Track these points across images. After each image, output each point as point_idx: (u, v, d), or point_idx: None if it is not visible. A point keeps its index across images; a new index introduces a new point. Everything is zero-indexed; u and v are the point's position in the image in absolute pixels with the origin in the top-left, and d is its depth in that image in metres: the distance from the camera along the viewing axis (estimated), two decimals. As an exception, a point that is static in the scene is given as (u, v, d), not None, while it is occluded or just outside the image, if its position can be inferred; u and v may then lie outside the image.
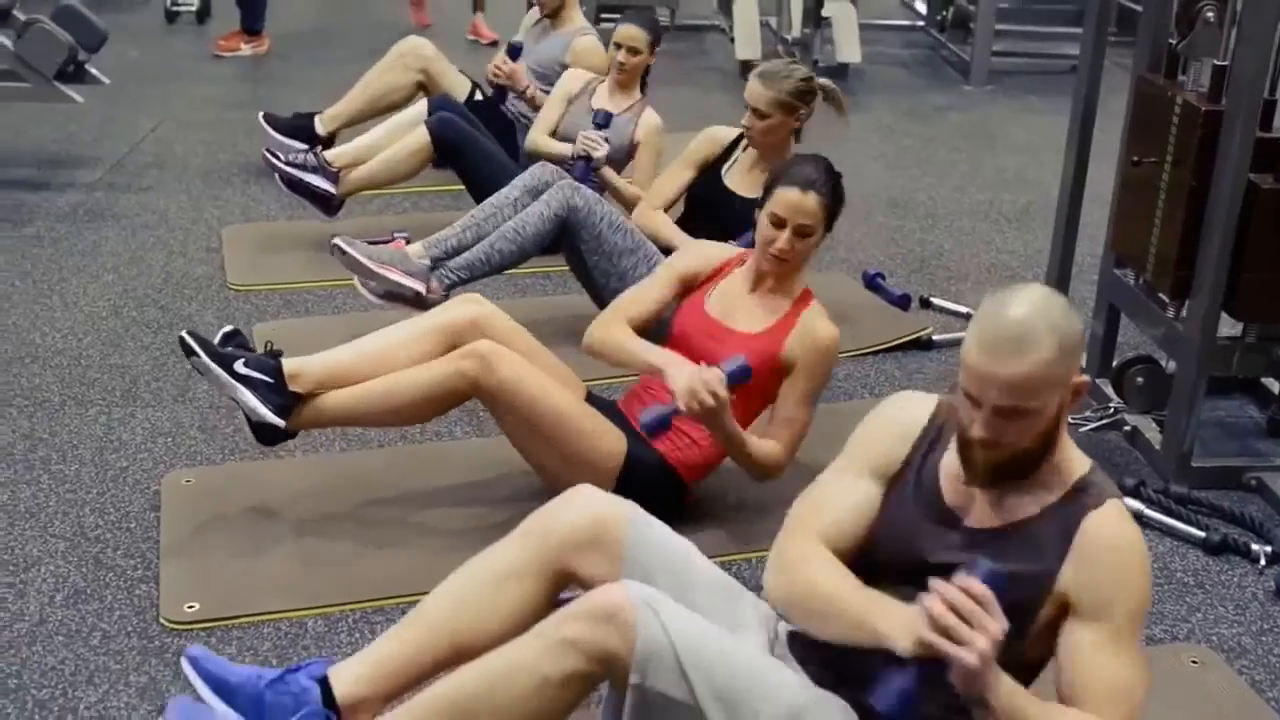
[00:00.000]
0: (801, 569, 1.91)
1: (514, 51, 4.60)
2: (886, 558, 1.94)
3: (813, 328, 2.83)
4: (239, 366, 2.74)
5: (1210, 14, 3.07)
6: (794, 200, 2.76)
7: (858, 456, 2.01)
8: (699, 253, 3.08)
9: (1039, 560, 1.84)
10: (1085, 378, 1.83)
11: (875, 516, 1.96)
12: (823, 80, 3.67)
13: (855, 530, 1.95)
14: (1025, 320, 1.75)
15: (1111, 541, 1.83)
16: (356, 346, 2.86)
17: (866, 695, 1.77)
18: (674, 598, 1.93)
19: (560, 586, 2.09)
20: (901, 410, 2.03)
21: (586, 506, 2.11)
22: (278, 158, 4.32)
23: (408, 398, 2.76)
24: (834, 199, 2.81)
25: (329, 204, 4.37)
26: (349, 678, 2.05)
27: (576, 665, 1.85)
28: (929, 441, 1.97)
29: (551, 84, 4.58)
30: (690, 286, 3.01)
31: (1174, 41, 3.22)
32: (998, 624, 1.69)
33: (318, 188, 4.32)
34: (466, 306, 2.92)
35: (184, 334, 2.75)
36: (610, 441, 2.79)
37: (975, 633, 1.68)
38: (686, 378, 2.62)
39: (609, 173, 4.09)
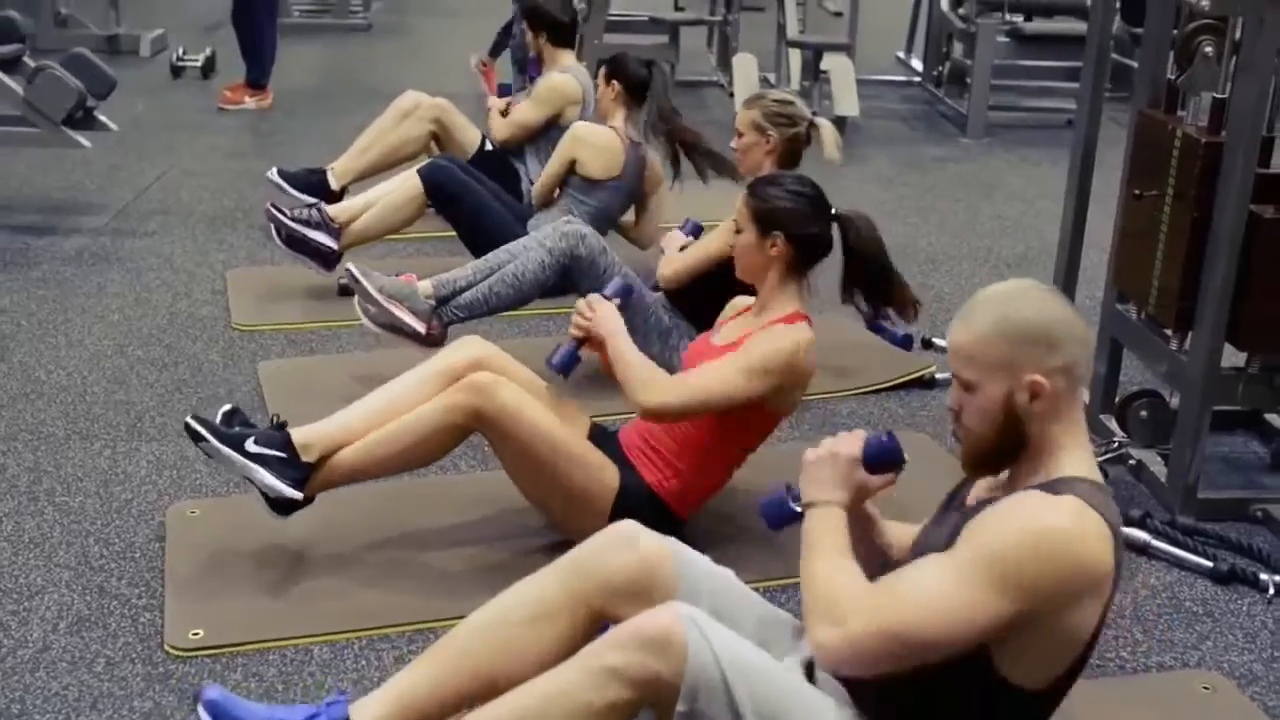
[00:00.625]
0: None
1: (501, 91, 5.03)
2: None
3: (777, 326, 2.81)
4: (250, 445, 2.71)
5: (1209, 48, 3.11)
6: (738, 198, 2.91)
7: None
8: (737, 300, 3.14)
9: (968, 521, 1.83)
10: (1039, 378, 1.81)
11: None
12: (817, 118, 3.69)
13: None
14: (983, 296, 1.89)
15: (1022, 504, 1.78)
16: (362, 406, 2.84)
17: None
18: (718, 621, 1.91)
19: (598, 626, 2.05)
20: None
21: (633, 549, 2.06)
22: (283, 213, 4.32)
23: (410, 440, 2.75)
24: (764, 203, 2.82)
25: (329, 260, 4.38)
26: (371, 716, 2.00)
27: (621, 694, 1.81)
28: None
29: None
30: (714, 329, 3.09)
31: (1173, 76, 3.27)
32: (846, 447, 1.98)
33: (320, 244, 4.32)
34: (468, 349, 2.92)
35: (189, 420, 2.71)
36: (605, 475, 2.80)
37: (828, 443, 2.01)
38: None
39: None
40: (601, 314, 2.90)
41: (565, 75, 4.80)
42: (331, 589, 2.76)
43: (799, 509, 2.00)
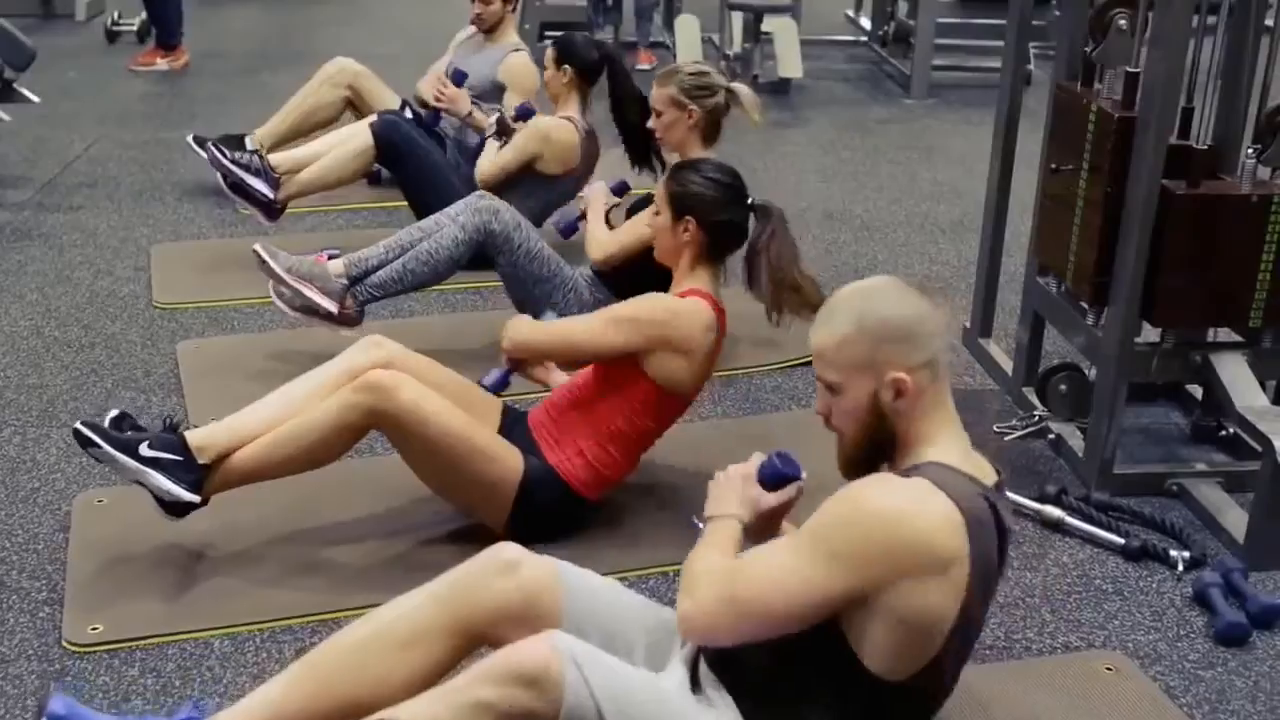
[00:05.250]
0: None
1: (458, 78, 4.50)
2: None
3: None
4: (144, 450, 2.64)
5: (1123, 21, 3.08)
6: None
7: None
8: None
9: None
10: (902, 375, 1.84)
11: None
12: (733, 84, 3.63)
13: None
14: (839, 296, 1.91)
15: (861, 483, 1.84)
16: (261, 407, 2.79)
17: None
18: (604, 647, 1.90)
19: (472, 650, 2.02)
20: None
21: (514, 577, 2.02)
22: (224, 154, 4.28)
23: (307, 442, 2.69)
24: (681, 186, 2.85)
25: (270, 209, 4.34)
26: None
27: None
28: None
29: (483, 99, 4.57)
30: None
31: (1089, 49, 3.24)
32: (744, 468, 2.06)
33: (258, 191, 4.30)
34: (370, 351, 2.85)
35: (79, 425, 2.64)
36: (508, 465, 2.77)
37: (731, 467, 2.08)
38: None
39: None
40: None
41: (524, 55, 4.72)
42: (235, 580, 2.73)
43: (701, 525, 2.06)
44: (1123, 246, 3.06)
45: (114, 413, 2.74)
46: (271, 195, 4.31)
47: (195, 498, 2.67)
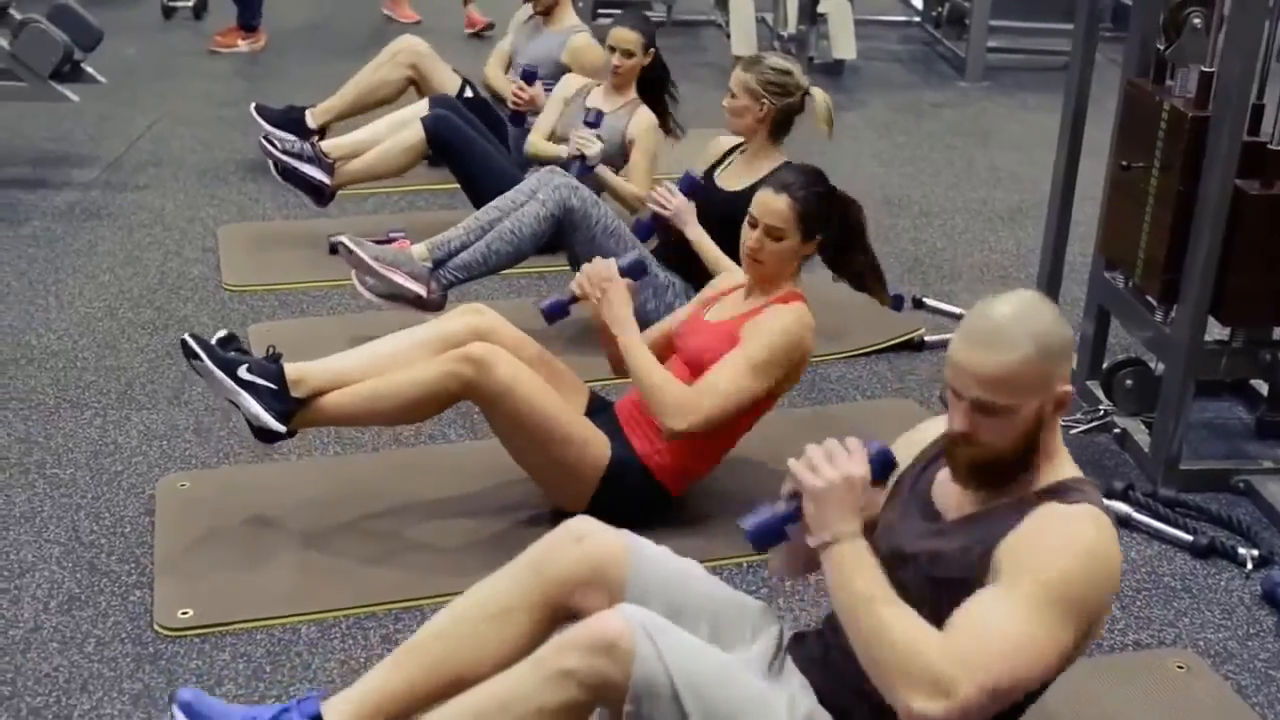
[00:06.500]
0: None
1: (529, 76, 4.50)
2: (874, 548, 1.95)
3: (777, 308, 2.84)
4: (243, 372, 2.73)
5: (1197, 20, 3.08)
6: (767, 201, 2.82)
7: None
8: (724, 276, 3.20)
9: (986, 538, 1.84)
10: (1069, 388, 1.85)
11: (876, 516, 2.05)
12: (814, 88, 3.65)
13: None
14: (1006, 318, 1.81)
15: (1056, 522, 1.80)
16: (358, 354, 2.88)
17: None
18: (668, 619, 1.95)
19: (559, 620, 2.10)
20: (920, 428, 2.15)
21: (586, 544, 2.10)
22: (275, 146, 4.34)
23: (403, 399, 2.78)
24: (808, 206, 2.80)
25: (322, 194, 4.40)
26: (343, 714, 2.04)
27: (573, 696, 1.87)
28: (930, 456, 2.05)
29: (546, 82, 4.60)
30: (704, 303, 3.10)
31: (1162, 47, 3.23)
32: (857, 468, 1.82)
33: (312, 177, 4.36)
34: (468, 317, 2.94)
35: (187, 337, 2.74)
36: (595, 450, 2.82)
37: (830, 466, 1.82)
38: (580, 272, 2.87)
39: (605, 171, 4.04)
40: (612, 298, 2.83)
41: (587, 36, 4.72)
42: (320, 566, 2.80)
43: (748, 527, 1.91)
44: (1194, 245, 3.07)
45: (222, 332, 2.84)
46: (327, 180, 4.37)
47: (283, 428, 2.75)
